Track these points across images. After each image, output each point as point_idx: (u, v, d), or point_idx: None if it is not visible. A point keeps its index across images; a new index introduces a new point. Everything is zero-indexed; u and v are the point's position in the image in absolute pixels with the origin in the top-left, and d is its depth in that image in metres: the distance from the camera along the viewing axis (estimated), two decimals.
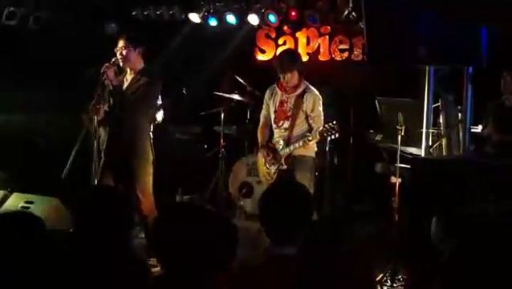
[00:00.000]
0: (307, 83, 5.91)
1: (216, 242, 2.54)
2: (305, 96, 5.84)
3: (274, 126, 6.03)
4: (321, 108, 5.86)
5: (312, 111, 5.82)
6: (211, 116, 8.04)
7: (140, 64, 5.67)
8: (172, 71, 7.43)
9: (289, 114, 5.89)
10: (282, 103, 5.94)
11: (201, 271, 2.51)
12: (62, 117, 7.06)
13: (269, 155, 5.97)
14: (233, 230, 2.66)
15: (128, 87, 5.65)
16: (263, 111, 6.18)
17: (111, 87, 5.48)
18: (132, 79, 5.67)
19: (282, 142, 5.92)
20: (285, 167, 5.89)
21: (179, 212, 2.76)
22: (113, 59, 5.54)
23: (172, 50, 8.43)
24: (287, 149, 5.86)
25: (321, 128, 5.65)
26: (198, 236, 2.52)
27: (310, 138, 5.69)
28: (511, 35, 5.29)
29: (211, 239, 2.53)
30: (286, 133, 5.90)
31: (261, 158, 6.12)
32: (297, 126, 5.87)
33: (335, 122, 5.62)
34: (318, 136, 5.68)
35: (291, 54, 6.34)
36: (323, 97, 6.03)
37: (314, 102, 5.83)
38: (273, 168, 5.97)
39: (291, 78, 5.81)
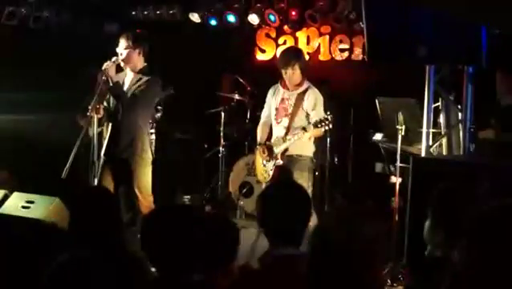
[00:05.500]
0: (310, 83, 5.93)
1: (216, 243, 2.53)
2: (306, 94, 5.86)
3: (273, 123, 6.06)
4: (322, 108, 5.86)
5: (313, 109, 5.82)
6: (211, 116, 8.05)
7: (140, 64, 5.67)
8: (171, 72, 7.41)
9: (289, 111, 5.91)
10: (283, 100, 5.97)
11: (200, 273, 2.50)
12: (63, 117, 7.05)
13: (265, 152, 5.99)
14: (234, 231, 2.66)
15: (128, 86, 5.65)
16: (264, 110, 6.20)
17: (111, 84, 5.47)
18: (132, 79, 5.67)
19: (279, 139, 5.93)
20: (281, 162, 5.90)
21: (176, 213, 2.76)
22: (113, 59, 5.53)
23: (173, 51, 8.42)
24: (284, 145, 5.86)
25: (315, 119, 5.65)
26: (197, 237, 2.51)
27: (306, 130, 5.64)
28: (511, 36, 5.29)
29: (212, 240, 2.52)
30: (284, 130, 5.91)
31: (258, 156, 6.13)
32: (295, 124, 5.88)
33: (328, 113, 5.63)
34: (312, 128, 5.66)
35: (294, 50, 6.45)
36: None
37: (316, 101, 5.84)
38: (270, 165, 5.99)
39: (293, 74, 5.82)
